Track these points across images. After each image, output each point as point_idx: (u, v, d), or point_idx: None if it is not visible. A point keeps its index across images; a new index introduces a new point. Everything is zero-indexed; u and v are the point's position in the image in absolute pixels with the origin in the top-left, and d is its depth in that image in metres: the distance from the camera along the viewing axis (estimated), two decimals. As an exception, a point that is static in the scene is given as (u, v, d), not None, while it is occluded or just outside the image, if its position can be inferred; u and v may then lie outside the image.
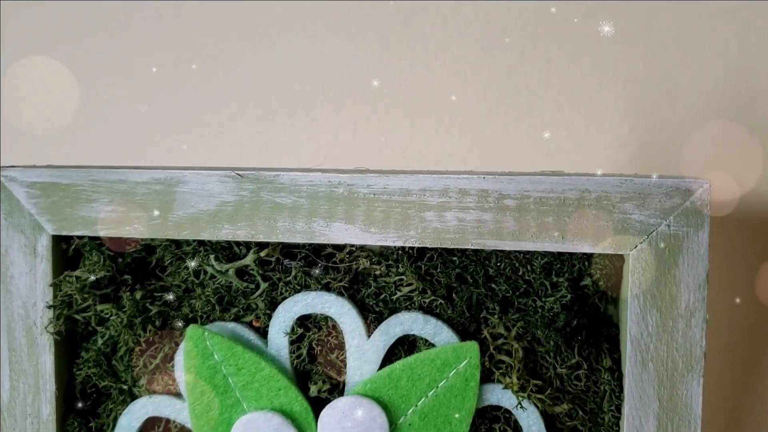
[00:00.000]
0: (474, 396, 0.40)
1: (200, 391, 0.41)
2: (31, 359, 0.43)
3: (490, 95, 0.61)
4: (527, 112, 0.61)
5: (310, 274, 0.42)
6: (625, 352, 0.39)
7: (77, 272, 0.42)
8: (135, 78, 0.64)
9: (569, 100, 0.60)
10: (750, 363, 0.61)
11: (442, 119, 0.62)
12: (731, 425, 0.61)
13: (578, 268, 0.41)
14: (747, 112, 0.59)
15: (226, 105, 0.64)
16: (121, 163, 0.44)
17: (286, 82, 0.63)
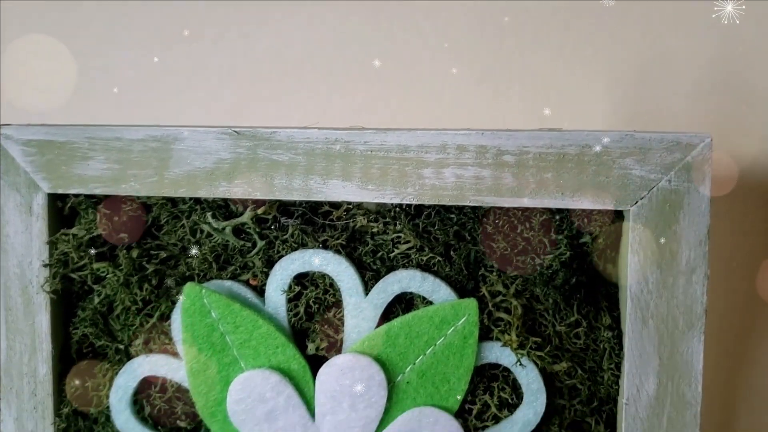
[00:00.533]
0: (472, 354, 0.40)
1: (197, 349, 0.41)
2: (28, 319, 0.43)
3: (483, 62, 0.60)
4: (520, 79, 0.60)
5: (307, 232, 0.41)
6: (625, 309, 0.39)
7: (73, 230, 0.42)
8: (129, 48, 0.63)
9: (563, 66, 0.60)
10: (751, 321, 0.60)
11: (435, 87, 0.61)
12: (732, 383, 0.60)
13: (577, 226, 0.40)
14: (744, 78, 0.58)
15: (218, 71, 0.63)
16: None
17: (277, 49, 0.62)
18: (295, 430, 0.41)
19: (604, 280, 0.41)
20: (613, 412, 0.41)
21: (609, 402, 0.41)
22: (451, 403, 0.40)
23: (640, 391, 0.39)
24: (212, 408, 0.41)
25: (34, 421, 0.43)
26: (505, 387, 0.41)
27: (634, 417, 0.39)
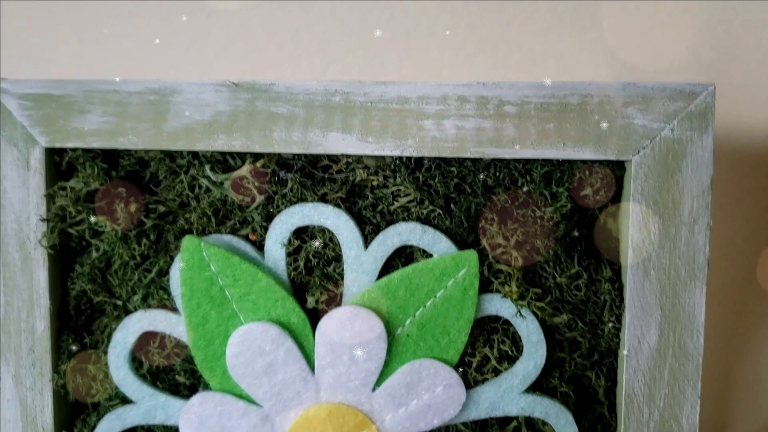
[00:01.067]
0: (472, 305, 0.39)
1: (196, 303, 0.40)
2: (25, 274, 0.42)
3: (481, 31, 0.59)
4: (518, 46, 0.60)
5: (306, 186, 0.41)
6: (626, 261, 0.38)
7: (71, 182, 0.41)
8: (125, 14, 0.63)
9: (560, 32, 0.59)
10: (753, 272, 0.60)
11: (432, 53, 0.61)
12: (734, 334, 0.60)
13: (578, 178, 0.40)
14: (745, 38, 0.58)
15: (215, 34, 0.62)
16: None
17: (276, 19, 0.61)
18: (294, 383, 0.40)
19: (605, 234, 0.41)
20: (613, 365, 0.41)
21: (609, 356, 0.41)
22: (451, 355, 0.40)
23: (642, 342, 0.39)
24: (211, 362, 0.41)
25: (33, 378, 0.43)
26: (505, 340, 0.40)
27: (636, 369, 0.39)
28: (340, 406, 0.41)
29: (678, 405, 0.39)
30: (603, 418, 0.41)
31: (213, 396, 0.41)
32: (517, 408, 0.40)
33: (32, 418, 0.43)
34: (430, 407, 0.40)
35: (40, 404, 0.43)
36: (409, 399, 0.40)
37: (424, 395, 0.40)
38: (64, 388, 0.43)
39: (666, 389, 0.39)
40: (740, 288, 0.60)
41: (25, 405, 0.43)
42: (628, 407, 0.39)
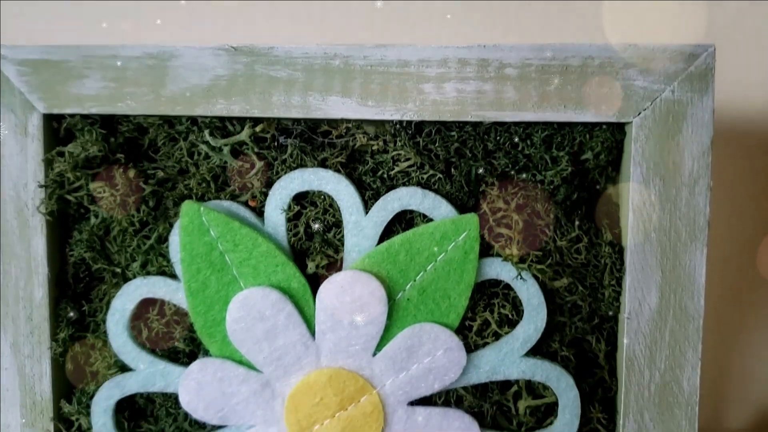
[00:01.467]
0: (473, 269, 0.39)
1: (196, 268, 0.40)
2: (23, 242, 0.42)
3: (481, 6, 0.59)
4: (519, 9, 0.59)
5: (306, 152, 0.40)
6: (627, 223, 0.38)
7: (69, 147, 0.41)
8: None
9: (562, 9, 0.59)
10: (753, 232, 0.60)
11: (431, 29, 0.61)
12: (734, 296, 0.60)
13: (579, 142, 0.39)
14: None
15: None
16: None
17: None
18: (295, 348, 0.40)
19: (605, 199, 0.41)
20: (614, 330, 0.41)
21: (610, 320, 0.41)
22: (451, 319, 0.40)
23: (642, 305, 0.38)
24: (211, 328, 0.41)
25: (31, 346, 0.43)
26: (505, 304, 0.40)
27: (636, 331, 0.39)
28: (340, 371, 0.40)
29: (679, 367, 0.38)
30: (603, 383, 0.41)
31: (213, 362, 0.41)
32: (517, 371, 0.40)
33: (30, 387, 0.43)
34: (431, 371, 0.40)
35: (38, 372, 0.43)
36: (409, 363, 0.40)
37: (424, 359, 0.40)
38: (62, 357, 0.43)
39: (667, 351, 0.38)
40: (740, 251, 0.60)
41: (24, 374, 0.43)
42: (629, 370, 0.39)
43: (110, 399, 0.42)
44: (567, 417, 0.40)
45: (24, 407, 0.43)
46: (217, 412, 0.41)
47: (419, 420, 0.40)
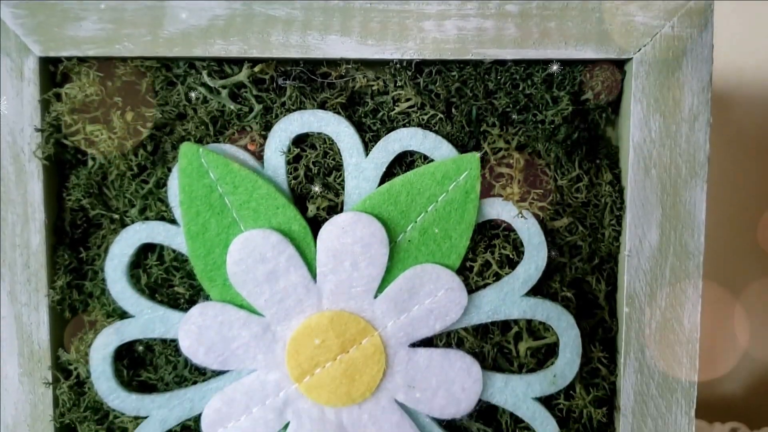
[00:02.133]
0: (474, 209, 0.39)
1: (195, 211, 0.40)
2: (19, 188, 0.41)
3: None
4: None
5: (305, 94, 0.40)
6: (627, 162, 0.38)
7: (67, 88, 0.40)
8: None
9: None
10: (756, 167, 0.60)
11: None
12: (735, 232, 0.60)
13: (579, 81, 0.39)
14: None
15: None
16: None
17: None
18: (296, 290, 0.40)
19: (604, 140, 0.41)
20: (613, 271, 0.41)
21: (610, 261, 0.41)
22: (452, 260, 0.39)
23: (643, 242, 0.38)
24: (211, 272, 0.40)
25: (28, 294, 0.42)
26: (506, 245, 0.40)
27: (637, 269, 0.39)
28: (342, 313, 0.40)
29: (679, 304, 0.38)
30: (603, 323, 0.41)
31: (213, 306, 0.40)
32: (518, 311, 0.40)
33: (28, 335, 0.42)
34: (432, 312, 0.40)
35: (35, 321, 0.42)
36: (411, 304, 0.40)
37: (425, 300, 0.39)
38: (60, 305, 0.42)
39: (667, 288, 0.38)
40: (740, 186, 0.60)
41: (21, 322, 0.42)
42: (630, 308, 0.39)
43: (109, 346, 0.41)
44: (568, 356, 0.40)
45: (22, 356, 0.42)
46: (217, 357, 0.40)
47: (420, 361, 0.40)
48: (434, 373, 0.40)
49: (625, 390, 0.39)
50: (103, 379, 0.42)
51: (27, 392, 0.43)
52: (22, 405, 0.43)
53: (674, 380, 0.39)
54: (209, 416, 0.41)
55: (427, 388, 0.40)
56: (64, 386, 0.42)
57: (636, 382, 0.39)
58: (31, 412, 0.43)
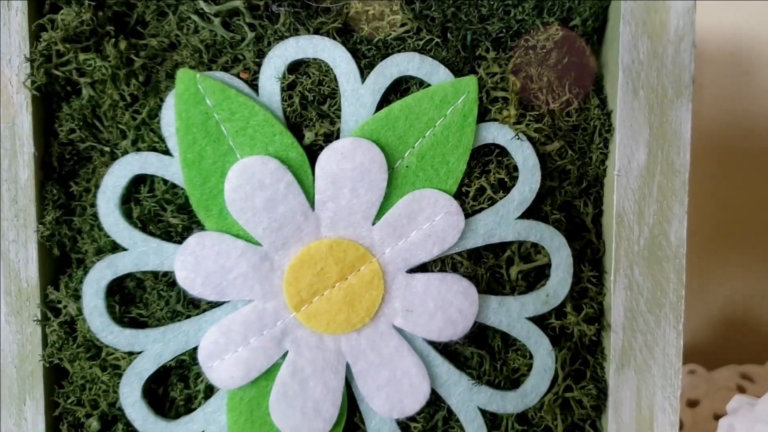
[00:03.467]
0: (471, 132, 0.39)
1: (191, 138, 0.39)
2: (6, 120, 0.40)
3: None
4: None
5: (300, 19, 0.39)
6: (616, 84, 0.39)
7: (62, 14, 0.39)
8: None
9: None
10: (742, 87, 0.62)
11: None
12: (721, 152, 0.62)
13: (568, 8, 0.40)
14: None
15: None
16: None
17: None
18: (295, 218, 0.39)
19: (591, 66, 0.42)
20: (599, 194, 0.42)
21: (596, 184, 0.42)
22: (449, 185, 0.40)
23: (631, 161, 0.39)
24: (207, 201, 0.39)
25: (16, 230, 0.40)
26: (499, 171, 0.40)
27: (626, 188, 0.40)
28: (340, 240, 0.40)
29: (666, 221, 0.40)
30: (591, 245, 0.42)
31: (210, 236, 0.40)
32: (513, 233, 0.40)
33: (15, 273, 0.41)
34: (430, 236, 0.40)
35: (24, 258, 0.41)
36: (409, 230, 0.40)
37: (424, 225, 0.40)
38: (49, 240, 0.41)
39: (655, 206, 0.39)
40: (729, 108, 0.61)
41: (8, 259, 0.41)
42: (619, 226, 0.40)
43: (102, 280, 0.40)
44: (560, 275, 0.41)
45: (9, 295, 0.41)
46: (215, 287, 0.40)
47: (418, 286, 0.40)
48: (432, 297, 0.40)
49: (615, 307, 0.40)
50: (96, 314, 0.40)
51: (14, 332, 0.41)
52: (9, 345, 0.41)
53: (662, 295, 0.40)
54: (206, 348, 0.40)
55: (425, 312, 0.40)
56: (54, 324, 0.41)
57: (625, 298, 0.40)
58: (19, 352, 0.41)
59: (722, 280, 0.71)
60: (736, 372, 0.68)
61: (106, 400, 0.42)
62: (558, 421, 0.41)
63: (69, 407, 0.42)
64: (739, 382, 0.67)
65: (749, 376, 0.68)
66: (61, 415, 0.42)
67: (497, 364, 0.42)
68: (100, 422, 0.42)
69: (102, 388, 0.41)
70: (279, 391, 0.40)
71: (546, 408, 0.41)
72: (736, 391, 0.66)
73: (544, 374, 0.41)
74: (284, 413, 0.40)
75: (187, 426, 0.41)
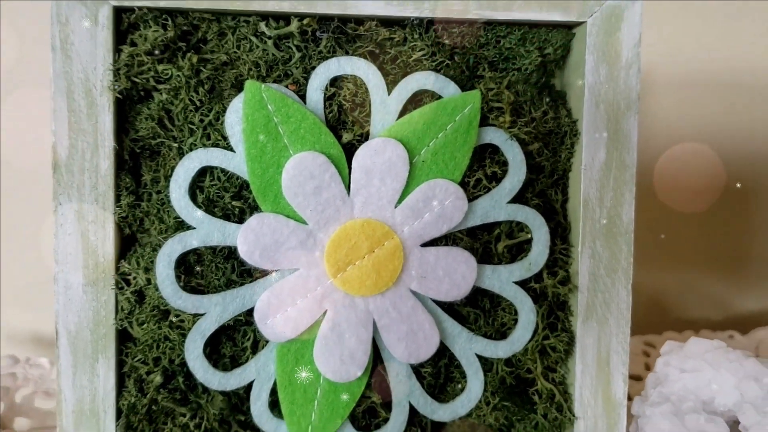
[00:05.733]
0: (474, 134, 0.49)
1: (255, 137, 0.46)
2: (91, 119, 0.46)
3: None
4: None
5: (340, 43, 0.48)
6: (580, 97, 0.50)
7: (145, 31, 0.46)
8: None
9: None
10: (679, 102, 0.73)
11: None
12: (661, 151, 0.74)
13: (543, 39, 0.50)
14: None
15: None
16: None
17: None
18: (335, 202, 0.48)
19: (557, 90, 0.52)
20: (566, 185, 0.52)
21: (564, 177, 0.52)
22: (456, 176, 0.49)
23: (594, 159, 0.50)
24: (265, 188, 0.47)
25: (95, 213, 0.47)
26: (493, 165, 0.50)
27: (590, 179, 0.50)
28: (369, 220, 0.48)
29: (620, 205, 0.50)
30: (560, 225, 0.52)
31: (267, 216, 0.47)
32: (504, 214, 0.50)
33: (93, 250, 0.47)
34: (441, 217, 0.49)
35: (101, 236, 0.47)
36: (423, 212, 0.49)
37: (436, 208, 0.49)
38: (122, 222, 0.47)
39: (611, 193, 0.50)
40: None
41: (87, 238, 0.47)
42: (585, 209, 0.50)
43: (174, 253, 0.47)
44: (540, 248, 0.51)
45: (87, 268, 0.47)
46: (270, 258, 0.47)
47: (430, 257, 0.49)
48: (441, 265, 0.49)
49: (581, 272, 0.51)
50: (167, 282, 0.47)
51: (90, 300, 0.47)
52: (85, 312, 0.47)
53: (616, 263, 0.51)
54: (261, 309, 0.48)
55: (435, 277, 0.49)
56: (127, 292, 0.47)
57: (589, 265, 0.51)
58: (94, 317, 0.47)
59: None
60: (640, 341, 0.80)
61: (169, 357, 0.48)
62: (537, 363, 0.51)
63: (135, 365, 0.48)
64: (644, 348, 0.79)
65: (651, 343, 0.80)
66: (128, 372, 0.49)
67: (489, 320, 0.51)
68: (163, 376, 0.48)
69: (168, 346, 0.48)
70: (321, 343, 0.48)
71: (529, 353, 0.51)
72: (642, 356, 0.78)
73: (528, 326, 0.51)
74: (326, 360, 0.48)
75: (241, 375, 0.49)
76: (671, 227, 0.86)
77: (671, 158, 0.82)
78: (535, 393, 0.52)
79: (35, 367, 0.65)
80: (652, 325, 0.83)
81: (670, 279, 0.88)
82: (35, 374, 0.65)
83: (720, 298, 0.90)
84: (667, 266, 0.87)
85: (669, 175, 0.83)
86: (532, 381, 0.52)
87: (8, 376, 0.64)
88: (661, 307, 0.87)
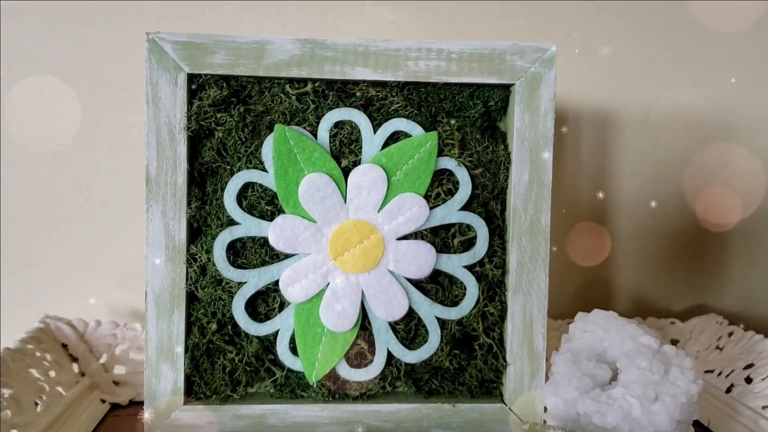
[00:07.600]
0: (433, 162, 0.68)
1: (281, 162, 0.67)
2: (171, 149, 0.67)
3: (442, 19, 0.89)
4: (466, 24, 0.90)
5: (341, 99, 0.68)
6: (512, 138, 0.69)
7: (210, 91, 0.67)
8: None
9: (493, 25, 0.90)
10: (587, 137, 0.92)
11: (412, 31, 0.90)
12: (575, 174, 0.92)
13: (487, 95, 0.70)
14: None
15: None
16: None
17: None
18: (335, 208, 0.68)
19: (499, 129, 0.72)
20: (504, 198, 0.71)
21: (502, 193, 0.71)
22: (421, 191, 0.68)
23: (521, 179, 0.69)
24: (288, 197, 0.67)
25: (174, 212, 0.68)
26: (448, 184, 0.70)
27: (518, 193, 0.69)
28: (360, 221, 0.68)
29: (540, 211, 0.69)
30: (498, 226, 0.71)
31: (289, 217, 0.68)
32: (456, 218, 0.69)
33: (172, 236, 0.68)
34: (410, 219, 0.68)
35: (178, 228, 0.68)
36: (398, 215, 0.68)
37: (407, 213, 0.68)
38: (192, 218, 0.68)
39: (533, 203, 0.69)
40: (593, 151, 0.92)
41: (168, 229, 0.68)
42: (514, 214, 0.69)
43: (225, 241, 0.68)
44: (482, 243, 0.70)
45: (167, 250, 0.68)
46: (290, 246, 0.68)
47: (403, 247, 0.69)
48: (410, 253, 0.69)
49: (511, 260, 0.70)
50: (221, 260, 0.68)
51: (169, 272, 0.68)
52: (165, 280, 0.68)
53: (536, 253, 0.70)
54: (284, 280, 0.68)
55: (406, 261, 0.69)
56: (194, 266, 0.69)
57: (518, 255, 0.70)
58: (170, 284, 0.68)
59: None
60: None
61: (222, 312, 0.69)
62: (479, 324, 0.71)
63: (198, 316, 0.69)
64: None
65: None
66: (193, 321, 0.70)
67: (446, 293, 0.71)
68: (217, 325, 0.69)
69: (221, 304, 0.69)
70: (325, 304, 0.68)
71: (473, 317, 0.70)
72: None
73: (473, 298, 0.70)
74: (327, 315, 0.68)
75: (270, 325, 0.69)
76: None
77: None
78: (478, 346, 0.71)
79: (130, 329, 0.87)
80: (600, 304, 1.00)
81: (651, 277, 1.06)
82: (130, 335, 0.87)
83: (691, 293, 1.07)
84: (648, 266, 1.05)
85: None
86: (476, 337, 0.71)
87: (110, 336, 0.87)
88: (641, 301, 1.04)
